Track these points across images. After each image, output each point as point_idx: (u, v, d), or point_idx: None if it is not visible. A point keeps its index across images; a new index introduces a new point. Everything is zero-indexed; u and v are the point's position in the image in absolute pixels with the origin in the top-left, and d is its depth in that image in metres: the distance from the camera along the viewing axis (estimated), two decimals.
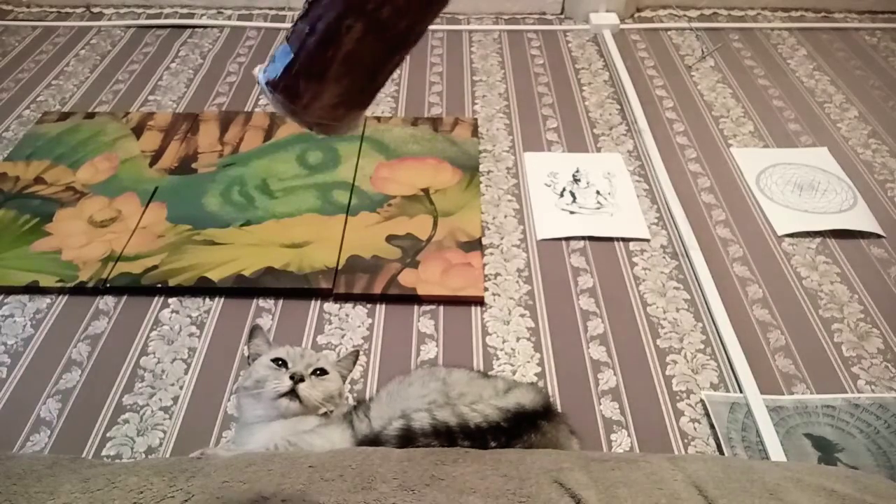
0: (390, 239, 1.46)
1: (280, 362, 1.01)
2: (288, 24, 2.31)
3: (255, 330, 1.10)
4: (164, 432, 1.11)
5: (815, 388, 1.19)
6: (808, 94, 1.99)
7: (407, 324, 1.30)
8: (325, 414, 1.01)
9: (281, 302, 1.34)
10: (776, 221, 1.53)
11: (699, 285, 1.37)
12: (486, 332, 1.28)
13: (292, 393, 0.97)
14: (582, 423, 1.08)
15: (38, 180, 1.62)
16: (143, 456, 1.07)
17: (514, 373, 1.20)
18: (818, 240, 1.49)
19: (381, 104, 1.93)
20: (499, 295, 1.35)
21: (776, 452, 1.06)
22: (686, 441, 1.10)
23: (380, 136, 1.78)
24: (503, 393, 0.94)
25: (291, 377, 0.98)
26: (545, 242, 1.48)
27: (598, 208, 1.56)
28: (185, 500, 0.70)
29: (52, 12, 2.40)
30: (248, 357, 1.11)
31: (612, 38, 2.23)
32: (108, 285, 1.35)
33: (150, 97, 1.96)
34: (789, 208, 1.57)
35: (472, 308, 1.33)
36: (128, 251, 1.42)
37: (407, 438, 0.86)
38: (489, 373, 1.18)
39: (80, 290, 1.35)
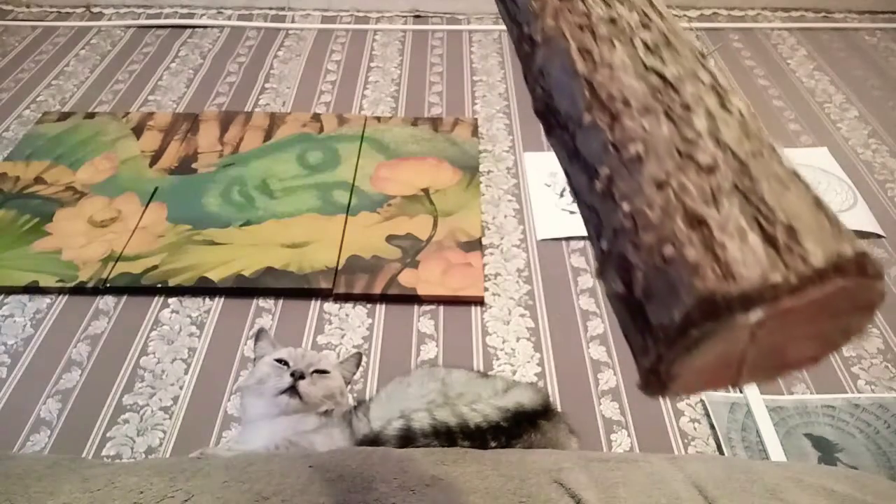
0: (390, 239, 1.46)
1: (282, 362, 1.03)
2: (287, 24, 2.31)
3: (260, 333, 1.13)
4: (164, 432, 1.11)
5: (815, 388, 1.19)
6: (808, 94, 1.99)
7: (407, 324, 1.30)
8: (325, 413, 1.01)
9: (281, 302, 1.34)
10: None
11: None
12: (486, 332, 1.28)
13: (292, 390, 1.00)
14: (582, 423, 1.08)
15: (38, 180, 1.62)
16: (143, 456, 1.07)
17: (514, 373, 1.20)
18: None
19: (381, 104, 1.93)
20: (499, 295, 1.35)
21: (776, 452, 1.06)
22: (686, 441, 1.10)
23: (380, 136, 1.78)
24: (502, 393, 0.94)
25: (292, 374, 1.01)
26: (545, 242, 1.48)
27: None
28: (185, 500, 0.70)
29: (52, 12, 2.40)
30: (254, 359, 1.12)
31: None
32: (108, 285, 1.35)
33: (150, 97, 1.96)
34: None
35: (472, 308, 1.33)
36: (128, 251, 1.42)
37: (407, 438, 0.86)
38: (489, 373, 1.18)
39: (80, 290, 1.35)
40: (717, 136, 0.35)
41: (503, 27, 2.30)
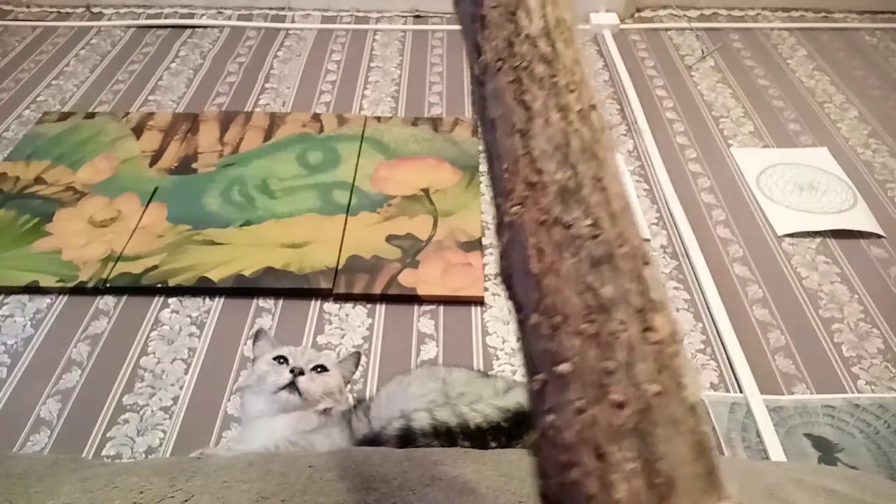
0: (390, 239, 1.46)
1: (282, 360, 1.04)
2: (287, 24, 2.31)
3: (259, 333, 1.13)
4: (164, 432, 1.11)
5: (815, 388, 1.19)
6: (808, 94, 1.99)
7: (407, 324, 1.30)
8: (325, 412, 1.01)
9: (281, 302, 1.34)
10: (776, 221, 1.53)
11: (699, 285, 1.37)
12: (486, 332, 1.28)
13: (292, 386, 1.00)
14: None
15: (38, 180, 1.62)
16: (143, 456, 1.07)
17: (514, 373, 1.20)
18: (818, 240, 1.49)
19: (381, 104, 1.93)
20: (499, 295, 1.35)
21: (776, 452, 1.06)
22: None
23: (380, 136, 1.78)
24: (503, 393, 0.94)
25: (291, 371, 1.01)
26: None
27: None
28: (185, 500, 0.70)
29: (52, 12, 2.40)
30: (253, 359, 1.12)
31: (612, 38, 2.22)
32: (108, 285, 1.35)
33: (150, 97, 1.96)
34: (789, 208, 1.57)
35: (472, 308, 1.33)
36: (128, 251, 1.42)
37: (407, 438, 0.86)
38: (489, 373, 1.18)
39: (80, 290, 1.35)
40: (633, 371, 0.38)
41: None
